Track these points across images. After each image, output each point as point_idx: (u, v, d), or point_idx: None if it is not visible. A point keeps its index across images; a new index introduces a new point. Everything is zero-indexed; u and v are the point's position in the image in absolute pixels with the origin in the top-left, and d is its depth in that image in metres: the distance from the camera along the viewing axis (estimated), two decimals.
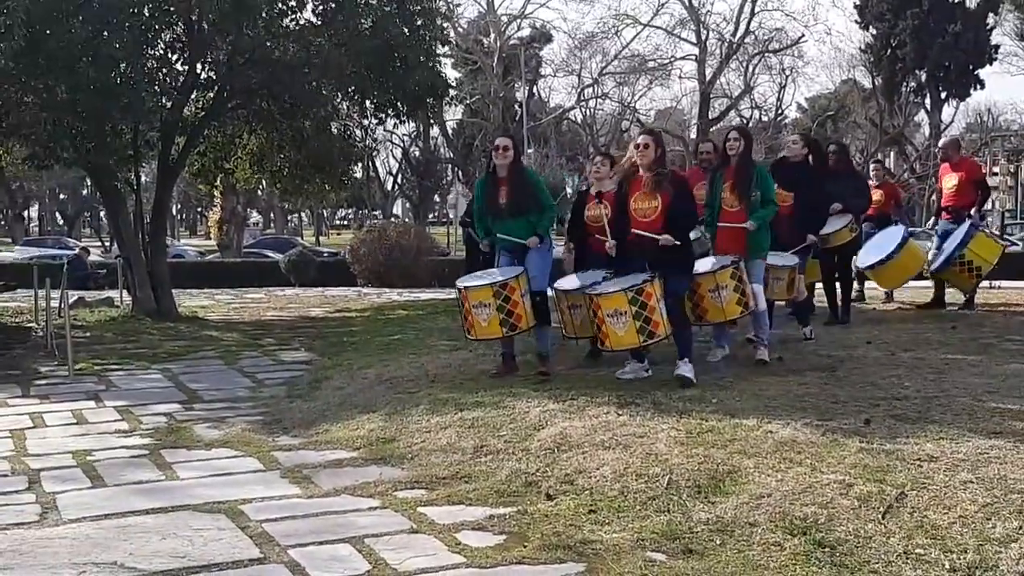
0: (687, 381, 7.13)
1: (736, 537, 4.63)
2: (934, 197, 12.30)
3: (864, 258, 11.39)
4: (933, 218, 12.34)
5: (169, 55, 13.54)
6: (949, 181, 11.75)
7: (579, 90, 48.45)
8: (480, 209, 8.12)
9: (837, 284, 10.72)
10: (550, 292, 8.28)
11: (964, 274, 11.35)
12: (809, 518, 4.72)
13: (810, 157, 9.72)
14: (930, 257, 11.77)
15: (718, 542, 4.59)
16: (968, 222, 11.44)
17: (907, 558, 4.28)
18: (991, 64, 46.35)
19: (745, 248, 7.95)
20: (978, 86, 46.56)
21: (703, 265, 7.92)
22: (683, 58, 48.05)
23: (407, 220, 53.79)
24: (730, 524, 4.77)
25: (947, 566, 4.16)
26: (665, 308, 7.19)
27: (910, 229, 12.86)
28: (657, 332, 7.11)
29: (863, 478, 5.08)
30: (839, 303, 10.63)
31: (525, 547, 4.61)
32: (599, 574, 4.27)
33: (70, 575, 4.30)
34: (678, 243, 7.23)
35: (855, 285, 11.94)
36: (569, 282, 8.38)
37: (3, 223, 69.91)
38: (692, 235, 8.46)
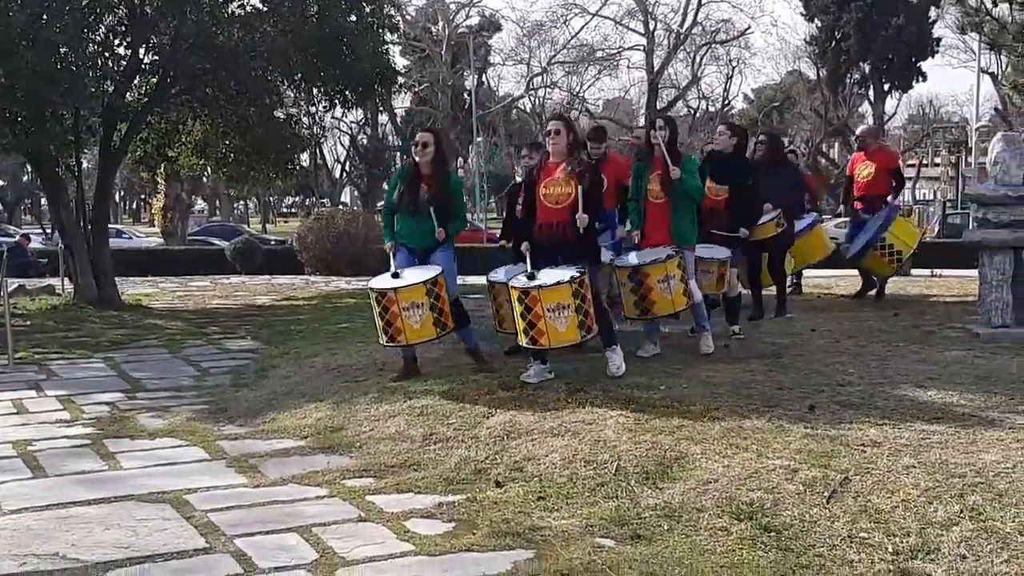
0: (619, 374, 6.98)
1: (683, 522, 4.67)
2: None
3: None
4: (842, 207, 12.33)
5: (111, 39, 13.28)
6: (864, 170, 11.43)
7: (528, 79, 48.45)
8: (390, 204, 7.60)
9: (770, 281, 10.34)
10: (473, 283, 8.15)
11: (884, 258, 11.11)
12: (755, 503, 4.78)
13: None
14: (843, 249, 11.63)
15: (666, 527, 4.63)
16: (888, 207, 11.26)
17: (851, 542, 4.34)
18: (933, 57, 47.05)
19: (670, 237, 7.60)
20: (920, 78, 47.24)
21: (639, 257, 7.60)
22: (631, 48, 48.24)
23: (355, 208, 53.45)
24: (678, 510, 4.81)
25: (890, 549, 4.23)
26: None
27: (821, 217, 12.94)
28: (592, 328, 6.77)
29: (808, 463, 5.15)
30: (776, 299, 10.20)
31: (474, 534, 4.61)
32: (548, 560, 4.27)
33: (10, 566, 4.22)
34: (590, 226, 6.93)
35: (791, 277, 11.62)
36: (506, 275, 8.13)
37: None
38: (619, 232, 8.49)
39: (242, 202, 77.17)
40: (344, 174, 63.39)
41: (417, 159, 7.38)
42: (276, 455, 6.04)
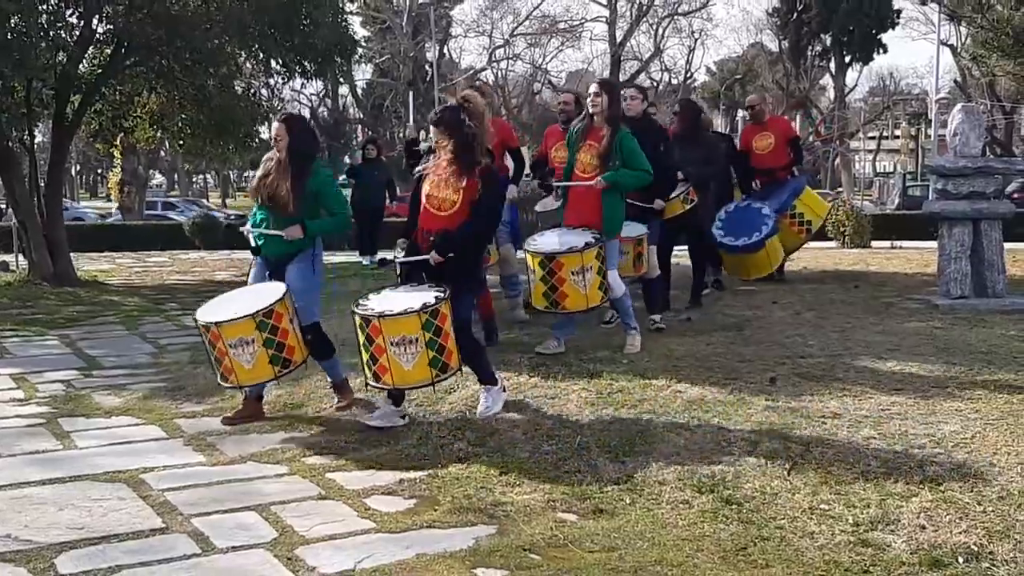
0: (488, 415, 5.79)
1: (645, 496, 4.67)
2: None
3: None
4: (736, 184, 10.47)
5: (63, 9, 12.99)
6: (762, 141, 10.47)
7: (490, 51, 48.17)
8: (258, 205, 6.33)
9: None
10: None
11: (793, 228, 10.47)
12: (716, 476, 4.78)
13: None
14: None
15: (628, 501, 4.62)
16: (796, 176, 10.66)
17: (812, 513, 4.35)
18: (893, 29, 47.25)
19: (597, 219, 6.70)
20: (881, 50, 47.47)
21: (553, 242, 6.73)
22: (594, 20, 48.18)
23: None
24: (640, 483, 4.81)
25: (851, 521, 4.25)
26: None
27: None
28: (451, 364, 5.63)
29: (769, 435, 5.16)
30: (692, 284, 9.19)
31: (436, 510, 4.58)
32: (510, 535, 4.26)
33: None
34: (474, 244, 5.84)
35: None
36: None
37: None
38: (551, 204, 7.57)
39: (201, 176, 76.29)
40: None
41: (278, 153, 6.16)
42: (235, 433, 5.96)
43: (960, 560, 3.89)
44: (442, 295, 5.54)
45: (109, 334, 9.65)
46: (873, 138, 56.34)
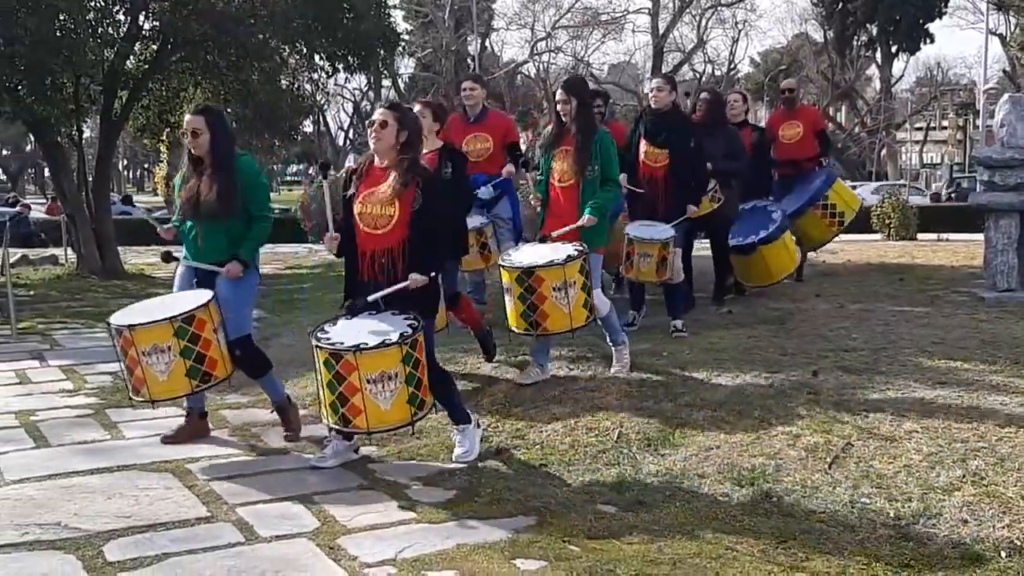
0: (468, 459, 5.21)
1: (685, 489, 4.67)
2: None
3: None
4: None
5: (111, 5, 13.18)
6: (790, 130, 10.11)
7: (532, 44, 48.08)
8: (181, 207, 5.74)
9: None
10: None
11: (824, 220, 9.96)
12: (757, 469, 4.77)
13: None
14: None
15: (667, 494, 4.63)
16: (825, 167, 10.30)
17: (853, 507, 4.34)
18: (941, 18, 46.61)
19: (576, 232, 6.15)
20: (928, 40, 46.83)
21: (532, 256, 6.03)
22: (636, 11, 47.89)
23: None
24: (679, 476, 4.81)
25: (892, 514, 4.23)
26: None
27: None
28: (427, 400, 5.06)
29: (810, 429, 5.14)
30: (714, 285, 8.91)
31: (476, 502, 4.61)
32: (549, 527, 4.28)
33: (13, 536, 4.22)
34: (433, 264, 5.12)
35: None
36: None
37: None
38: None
39: None
40: (348, 141, 63.17)
41: (193, 151, 5.60)
42: (278, 424, 6.02)
43: (1002, 555, 3.86)
44: (415, 323, 4.95)
45: None
46: (920, 129, 55.54)
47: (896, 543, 4.00)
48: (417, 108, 6.26)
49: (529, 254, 6.07)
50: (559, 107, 6.26)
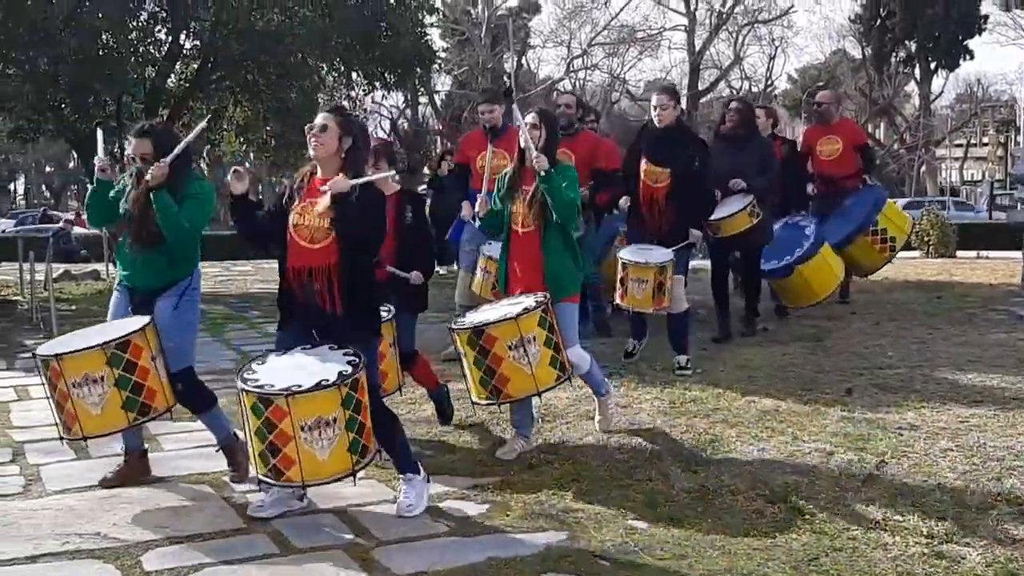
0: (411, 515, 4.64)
1: (717, 505, 4.67)
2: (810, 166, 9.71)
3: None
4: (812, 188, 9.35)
5: (152, 25, 13.45)
6: (827, 145, 9.53)
7: (568, 61, 48.24)
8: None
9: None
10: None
11: (876, 246, 9.43)
12: (790, 486, 4.77)
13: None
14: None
15: (699, 510, 4.63)
16: (869, 187, 9.64)
17: (886, 525, 4.32)
18: (980, 35, 46.21)
19: (540, 281, 5.42)
20: (967, 57, 46.44)
21: (487, 312, 5.38)
22: (672, 28, 47.99)
23: None
24: (711, 492, 4.81)
25: (925, 532, 4.21)
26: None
27: None
28: (370, 446, 4.51)
29: (844, 446, 5.13)
30: (744, 310, 8.40)
31: (508, 516, 4.64)
32: (581, 542, 4.29)
33: (53, 545, 4.31)
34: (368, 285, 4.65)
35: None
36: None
37: None
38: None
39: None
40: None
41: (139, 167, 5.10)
42: None
43: None
44: (356, 359, 4.41)
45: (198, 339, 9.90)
46: (960, 146, 55.06)
47: (929, 561, 3.98)
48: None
49: (484, 312, 5.43)
50: (528, 132, 5.43)
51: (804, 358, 7.10)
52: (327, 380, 4.25)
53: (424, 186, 17.10)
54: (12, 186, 71.96)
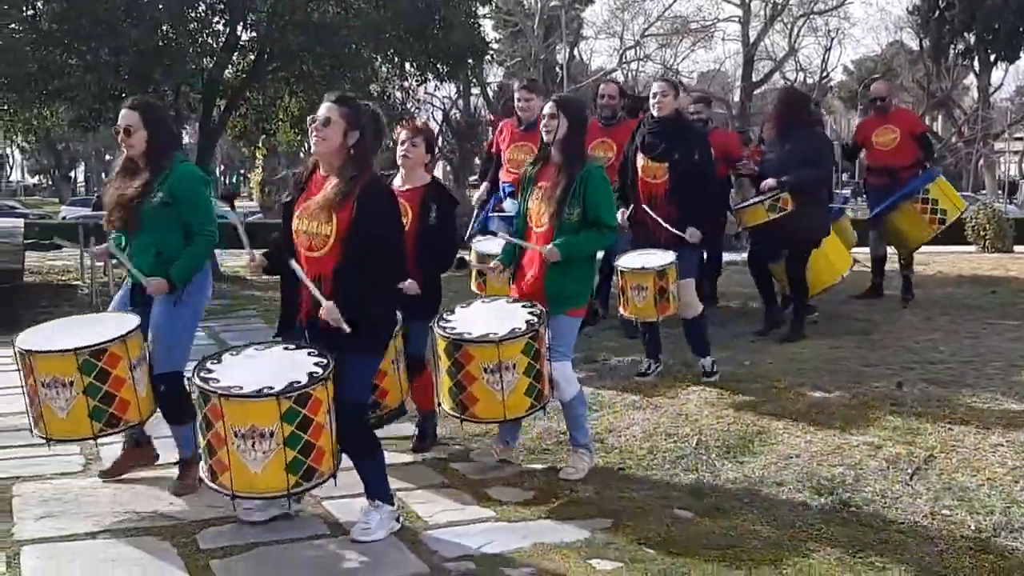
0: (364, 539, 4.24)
1: (763, 496, 4.69)
2: (863, 156, 9.65)
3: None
4: (850, 188, 9.15)
5: (210, 17, 13.62)
6: (884, 135, 9.21)
7: (621, 52, 48.05)
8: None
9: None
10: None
11: (925, 216, 8.93)
12: (836, 479, 4.77)
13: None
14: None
15: (745, 500, 4.65)
16: (930, 169, 9.31)
17: (933, 519, 4.32)
18: None
19: (541, 291, 5.02)
20: None
21: (477, 320, 4.88)
22: (726, 19, 47.56)
23: (448, 182, 53.79)
24: (757, 484, 4.83)
25: (973, 527, 4.20)
26: (335, 426, 4.08)
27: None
28: (320, 469, 4.04)
29: (892, 440, 5.11)
30: (792, 309, 7.84)
31: (554, 503, 4.69)
32: (625, 530, 4.34)
33: (111, 522, 4.44)
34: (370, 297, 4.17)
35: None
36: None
37: (52, 184, 70.89)
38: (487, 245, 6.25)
39: None
40: (437, 149, 63.82)
41: (126, 151, 4.89)
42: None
43: None
44: (321, 370, 3.99)
45: (249, 326, 10.08)
46: (1020, 139, 54.01)
47: (976, 555, 3.98)
48: (404, 135, 5.44)
49: (473, 314, 4.98)
50: (544, 124, 5.05)
51: (853, 351, 7.06)
52: (270, 388, 3.86)
53: (475, 176, 17.17)
54: (72, 174, 73.29)
